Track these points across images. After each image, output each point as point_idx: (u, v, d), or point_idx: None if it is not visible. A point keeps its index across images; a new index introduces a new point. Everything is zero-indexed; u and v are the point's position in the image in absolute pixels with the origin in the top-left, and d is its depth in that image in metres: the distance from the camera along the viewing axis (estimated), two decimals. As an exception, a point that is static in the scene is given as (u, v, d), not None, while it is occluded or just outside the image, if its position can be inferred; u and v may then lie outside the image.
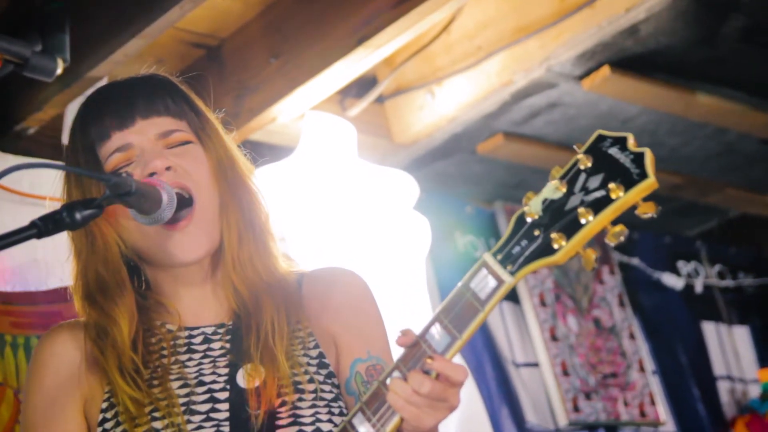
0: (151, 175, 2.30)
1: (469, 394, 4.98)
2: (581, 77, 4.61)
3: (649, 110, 4.93)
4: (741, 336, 6.65)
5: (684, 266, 6.41)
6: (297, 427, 2.21)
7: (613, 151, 1.90)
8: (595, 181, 1.89)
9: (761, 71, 4.91)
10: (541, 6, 4.35)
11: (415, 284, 4.27)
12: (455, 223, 5.41)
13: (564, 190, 1.91)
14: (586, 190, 1.89)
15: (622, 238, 1.89)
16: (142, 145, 2.35)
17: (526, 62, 4.44)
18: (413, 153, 4.97)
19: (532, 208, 1.94)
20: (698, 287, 6.42)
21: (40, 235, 2.02)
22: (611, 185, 1.86)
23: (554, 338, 5.43)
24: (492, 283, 1.94)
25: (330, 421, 2.20)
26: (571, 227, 1.89)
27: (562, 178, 1.92)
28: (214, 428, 2.21)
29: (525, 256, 1.93)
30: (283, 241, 4.05)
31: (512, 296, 5.50)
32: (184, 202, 2.30)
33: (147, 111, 2.37)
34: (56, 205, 2.34)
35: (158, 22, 3.50)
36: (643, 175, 1.86)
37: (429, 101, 4.75)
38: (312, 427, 2.22)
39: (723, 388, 6.33)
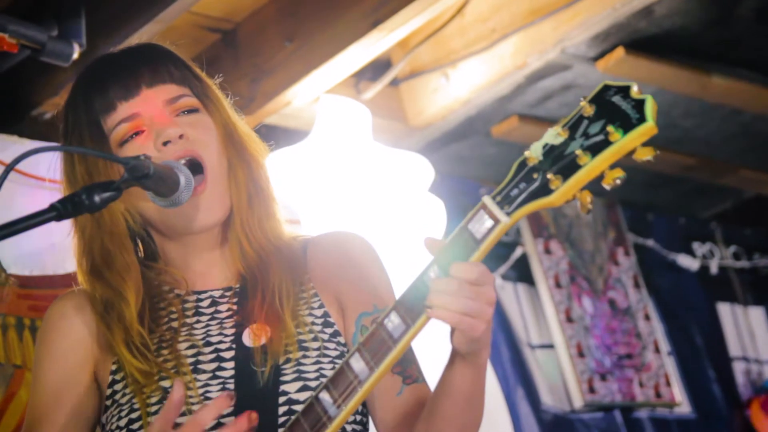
0: (166, 143, 2.31)
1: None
2: (595, 59, 4.61)
3: (664, 91, 4.92)
4: (756, 317, 6.64)
5: (699, 247, 6.40)
6: (301, 383, 2.23)
7: (616, 99, 1.91)
8: (596, 127, 1.91)
9: (776, 52, 4.90)
10: (555, -13, 4.35)
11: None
12: (470, 206, 5.39)
13: (565, 135, 1.93)
14: (586, 135, 1.91)
15: (618, 182, 1.89)
16: (150, 114, 2.35)
17: (540, 44, 4.43)
18: (428, 136, 4.97)
19: (533, 152, 1.96)
20: (713, 268, 6.41)
21: (59, 218, 2.03)
22: (610, 128, 1.88)
23: (569, 320, 5.43)
24: (488, 223, 1.96)
25: None
26: (569, 169, 1.91)
27: (564, 125, 1.95)
28: (220, 386, 2.24)
29: (522, 197, 1.95)
30: (298, 223, 4.07)
31: (527, 278, 5.51)
32: (198, 169, 2.32)
33: (152, 79, 2.37)
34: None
35: (173, 6, 3.51)
36: (642, 120, 1.87)
37: (443, 84, 4.75)
38: (316, 383, 2.23)
39: (738, 369, 6.33)
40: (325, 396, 2.04)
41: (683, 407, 5.80)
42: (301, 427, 2.06)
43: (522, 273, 5.53)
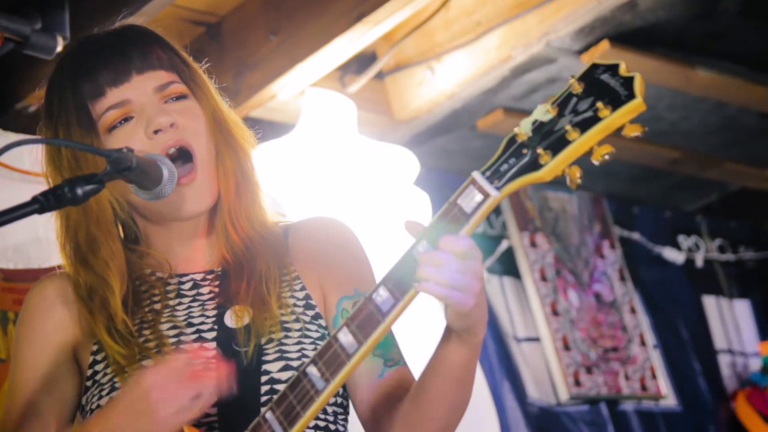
0: (156, 132, 2.31)
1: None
2: (580, 52, 4.61)
3: (649, 85, 4.84)
4: (742, 310, 6.66)
5: (684, 240, 6.42)
6: (283, 362, 2.24)
7: (605, 77, 1.94)
8: (585, 104, 1.94)
9: (761, 45, 4.91)
10: (540, -19, 4.35)
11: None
12: (455, 199, 5.41)
13: (554, 113, 1.96)
14: (575, 112, 1.94)
15: (607, 157, 1.92)
16: (140, 100, 2.35)
17: (525, 37, 4.43)
18: (413, 129, 4.97)
19: (522, 129, 1.99)
20: (699, 261, 6.44)
21: (42, 211, 2.03)
22: (599, 105, 1.91)
23: (555, 313, 5.44)
24: (478, 197, 1.98)
25: None
26: (558, 144, 1.94)
27: (553, 102, 1.97)
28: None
29: (512, 172, 1.97)
30: (283, 216, 4.06)
31: (513, 271, 5.52)
32: (187, 157, 2.32)
33: (142, 65, 2.37)
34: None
35: (157, -1, 3.50)
36: (631, 96, 1.90)
37: (428, 77, 4.75)
38: (298, 362, 2.24)
39: (724, 361, 6.35)
40: (312, 370, 2.05)
41: (669, 400, 5.82)
42: (288, 401, 2.07)
43: (508, 266, 5.54)
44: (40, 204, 2.03)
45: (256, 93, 4.22)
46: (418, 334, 3.66)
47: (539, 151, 1.95)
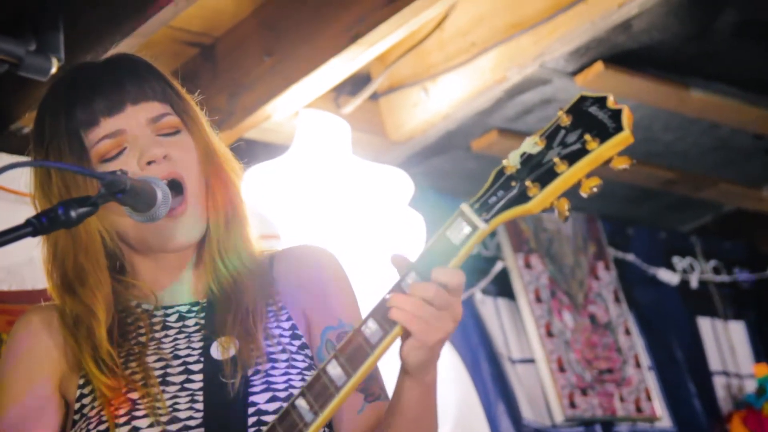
0: (149, 163, 2.30)
1: (465, 390, 4.99)
2: (575, 73, 4.62)
3: (643, 106, 4.94)
4: (737, 331, 6.66)
5: (679, 262, 6.42)
6: (270, 393, 2.23)
7: (593, 110, 1.94)
8: (573, 137, 1.94)
9: (754, 66, 4.92)
10: (535, 2, 4.35)
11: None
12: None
13: (542, 145, 1.96)
14: (564, 144, 1.94)
15: (595, 190, 1.92)
16: (133, 131, 2.34)
17: (520, 58, 4.44)
18: (408, 150, 4.97)
19: (511, 161, 1.98)
20: (693, 282, 6.43)
21: (35, 233, 2.02)
22: (587, 137, 1.91)
23: (550, 334, 5.44)
24: (466, 230, 1.98)
25: None
26: (547, 177, 1.93)
27: (542, 135, 1.97)
28: (189, 397, 2.23)
29: (500, 205, 1.97)
30: (277, 238, 4.06)
31: (508, 292, 5.52)
32: (178, 190, 2.31)
33: (136, 96, 2.36)
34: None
35: (152, 20, 3.50)
36: (619, 129, 1.90)
37: (423, 98, 4.75)
38: (285, 393, 2.23)
39: (719, 383, 6.34)
40: (301, 402, 2.04)
41: (664, 422, 5.81)
42: None
43: (502, 287, 5.53)
44: (33, 227, 2.02)
45: (251, 114, 4.22)
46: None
47: (527, 183, 1.95)
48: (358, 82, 4.70)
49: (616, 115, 1.91)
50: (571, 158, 1.92)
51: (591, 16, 4.21)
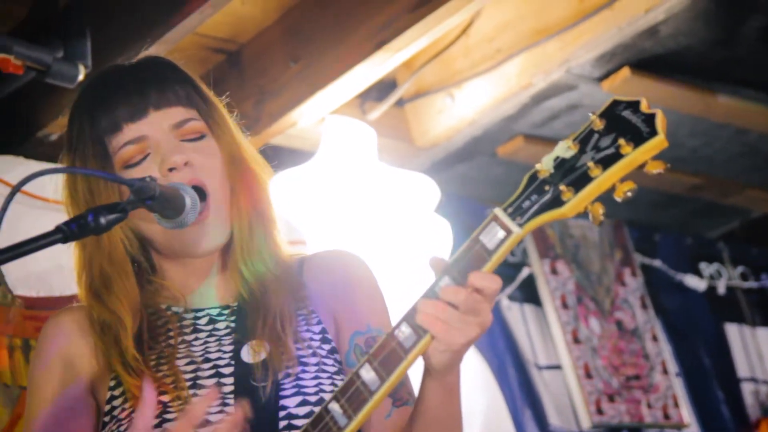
0: (171, 170, 2.31)
1: (492, 396, 4.98)
2: (601, 79, 4.61)
3: (670, 111, 4.91)
4: (765, 337, 6.61)
5: (706, 267, 6.38)
6: (301, 397, 2.23)
7: (626, 114, 1.93)
8: (606, 141, 1.93)
9: (782, 71, 4.90)
10: (560, 8, 4.35)
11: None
12: (476, 226, 5.40)
13: (576, 149, 1.95)
14: (597, 148, 1.93)
15: (630, 194, 1.91)
16: (156, 137, 2.34)
17: (546, 64, 4.43)
18: (433, 156, 4.97)
19: (544, 165, 1.98)
20: (721, 289, 6.39)
21: (65, 240, 2.03)
22: (621, 141, 1.90)
23: (576, 340, 5.42)
24: (500, 234, 1.98)
25: (333, 391, 2.20)
26: (581, 181, 1.93)
27: (575, 139, 1.97)
28: (220, 401, 2.23)
29: (534, 209, 1.97)
30: (303, 244, 4.06)
31: (534, 299, 5.50)
32: (201, 196, 2.31)
33: (159, 101, 2.36)
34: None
35: (178, 27, 3.51)
36: (653, 133, 1.89)
37: (449, 104, 4.75)
38: (315, 397, 2.23)
39: (747, 390, 6.30)
40: (334, 406, 2.04)
41: (692, 428, 5.77)
42: None
43: (529, 294, 5.52)
44: (63, 233, 2.02)
45: (276, 120, 4.23)
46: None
47: (561, 187, 1.94)
48: (383, 88, 4.71)
49: (650, 119, 1.91)
50: (606, 162, 1.92)
51: (617, 22, 4.21)
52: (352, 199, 4.11)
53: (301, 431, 2.08)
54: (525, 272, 5.52)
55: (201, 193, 2.32)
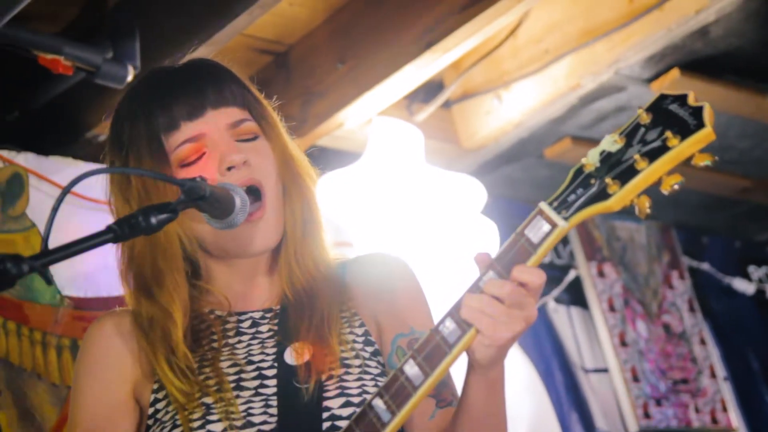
0: (230, 169, 2.31)
1: (540, 399, 4.96)
2: (650, 80, 4.58)
3: (719, 113, 4.86)
4: (813, 341, 6.56)
5: (755, 271, 6.34)
6: (344, 398, 2.23)
7: (673, 107, 1.93)
8: (653, 134, 1.92)
9: (832, 73, 4.85)
10: (609, 8, 4.32)
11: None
12: (522, 228, 5.39)
13: (622, 143, 1.94)
14: (644, 141, 1.92)
15: (677, 187, 1.90)
16: (213, 136, 2.34)
17: (594, 65, 4.41)
18: (480, 158, 4.96)
19: (590, 159, 1.97)
20: (770, 292, 6.36)
21: (116, 240, 2.02)
22: (668, 134, 1.90)
23: (623, 344, 5.39)
24: (546, 228, 1.97)
25: None
26: (627, 174, 1.92)
27: (621, 133, 1.96)
28: (263, 402, 2.23)
29: (580, 203, 1.96)
30: (350, 246, 4.06)
31: (581, 301, 5.48)
32: (257, 195, 2.32)
33: (216, 101, 2.36)
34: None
35: (227, 29, 3.52)
36: (701, 126, 1.88)
37: (496, 106, 4.74)
38: (359, 398, 2.22)
39: (795, 394, 6.25)
40: (378, 402, 2.03)
41: (740, 433, 5.74)
42: None
43: (575, 296, 5.50)
44: (114, 233, 2.02)
45: (323, 121, 4.23)
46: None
47: (607, 180, 1.93)
48: (431, 89, 4.70)
49: (697, 112, 1.90)
50: (652, 155, 1.90)
51: (667, 23, 4.18)
52: (398, 201, 4.10)
53: (345, 428, 2.07)
54: (572, 274, 5.50)
55: (257, 192, 2.33)
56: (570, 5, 4.46)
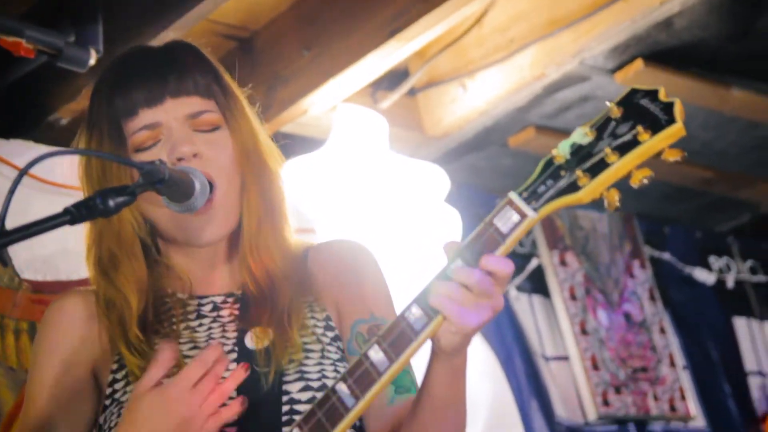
0: (179, 160, 2.30)
1: (499, 386, 4.98)
2: (614, 70, 4.60)
3: (683, 104, 4.89)
4: (773, 332, 6.61)
5: (715, 261, 6.38)
6: (303, 383, 2.23)
7: (644, 102, 1.95)
8: (624, 128, 1.94)
9: (796, 66, 4.88)
10: (574, -1, 4.34)
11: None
12: (486, 216, 5.40)
13: (593, 136, 1.96)
14: (614, 135, 1.95)
15: (646, 181, 1.93)
16: (170, 125, 2.33)
17: (559, 55, 4.42)
18: (445, 146, 4.96)
19: (560, 151, 1.99)
20: (730, 282, 6.39)
21: (73, 222, 2.02)
22: (639, 129, 1.92)
23: (584, 332, 5.42)
24: (515, 218, 1.98)
25: (336, 378, 2.20)
26: (597, 167, 1.94)
27: (592, 126, 1.97)
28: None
29: (550, 194, 1.97)
30: (312, 232, 4.06)
31: (542, 289, 5.50)
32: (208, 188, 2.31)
33: (177, 90, 2.35)
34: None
35: (191, 13, 3.51)
36: (671, 121, 1.91)
37: (461, 94, 4.74)
38: (318, 383, 2.24)
39: (754, 383, 6.30)
40: (341, 387, 2.03)
41: (698, 421, 5.78)
42: (317, 419, 2.05)
43: (537, 284, 5.52)
44: (71, 215, 2.02)
45: (288, 108, 4.23)
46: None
47: (578, 173, 1.95)
48: (395, 77, 4.70)
49: (668, 107, 1.92)
50: (623, 149, 1.92)
51: (631, 14, 4.19)
52: (362, 187, 4.11)
53: (307, 412, 2.07)
54: (534, 263, 5.52)
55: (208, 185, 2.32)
56: (536, -5, 4.48)
